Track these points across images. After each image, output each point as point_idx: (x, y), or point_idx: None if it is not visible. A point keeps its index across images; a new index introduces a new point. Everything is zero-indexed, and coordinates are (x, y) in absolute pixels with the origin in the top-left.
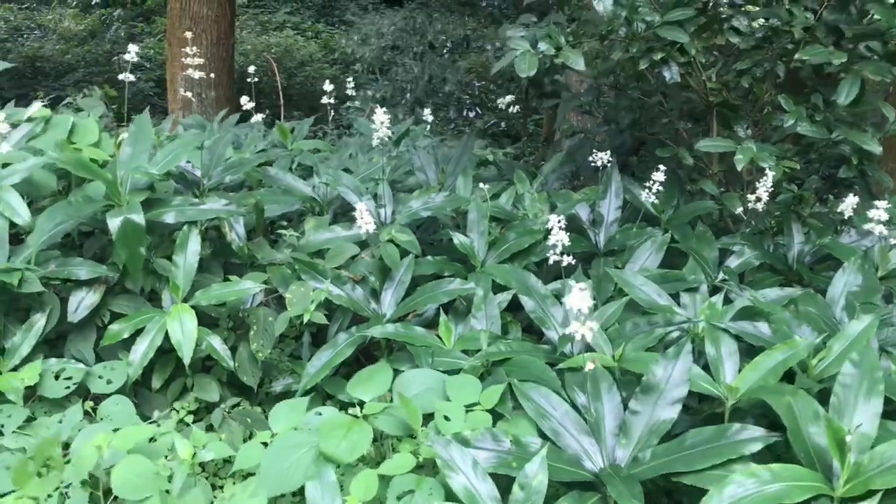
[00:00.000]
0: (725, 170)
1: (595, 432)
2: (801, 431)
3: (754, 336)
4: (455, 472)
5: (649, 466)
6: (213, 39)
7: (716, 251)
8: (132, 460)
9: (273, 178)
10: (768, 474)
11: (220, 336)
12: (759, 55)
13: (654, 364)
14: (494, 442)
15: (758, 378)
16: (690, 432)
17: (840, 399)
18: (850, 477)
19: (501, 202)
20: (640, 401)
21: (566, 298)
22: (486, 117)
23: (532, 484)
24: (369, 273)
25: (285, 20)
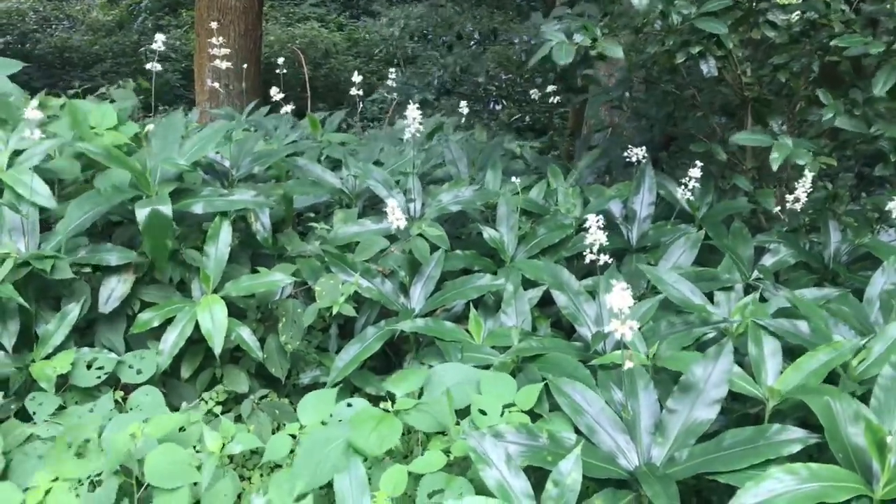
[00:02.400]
0: (759, 166)
1: (631, 430)
2: (840, 432)
3: (794, 335)
4: (489, 466)
5: (686, 466)
6: (241, 31)
7: (751, 249)
8: (166, 448)
9: (302, 169)
10: (807, 472)
11: (248, 327)
12: (795, 49)
13: (694, 363)
14: (530, 436)
15: (800, 379)
16: (729, 432)
17: (880, 401)
18: (891, 479)
19: (532, 196)
20: (677, 400)
21: (607, 297)
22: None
23: (566, 482)
24: (398, 267)
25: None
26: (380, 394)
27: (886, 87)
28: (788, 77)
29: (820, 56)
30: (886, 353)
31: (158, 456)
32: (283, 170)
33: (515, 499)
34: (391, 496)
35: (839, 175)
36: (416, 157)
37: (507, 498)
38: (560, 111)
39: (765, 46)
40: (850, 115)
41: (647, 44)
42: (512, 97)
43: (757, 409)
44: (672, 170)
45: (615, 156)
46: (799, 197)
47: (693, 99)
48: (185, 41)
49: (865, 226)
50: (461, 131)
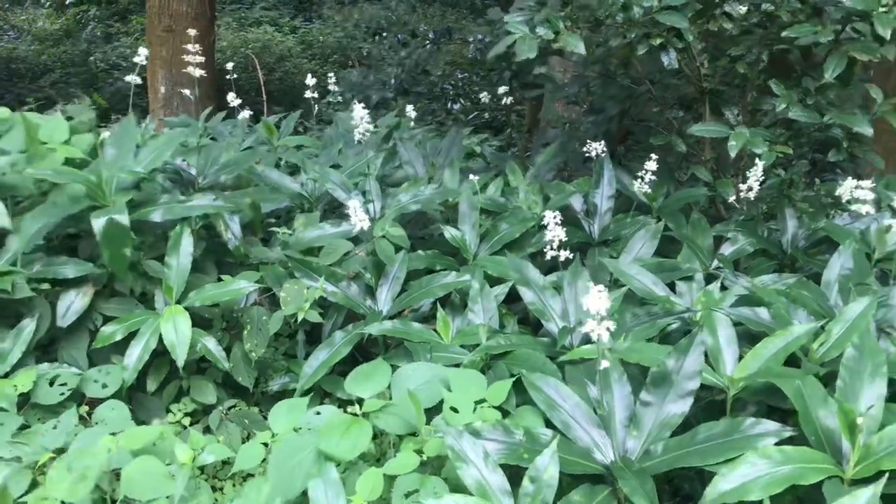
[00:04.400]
0: (717, 156)
1: (606, 424)
2: (811, 415)
3: (755, 322)
4: (466, 463)
5: (662, 460)
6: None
7: (710, 239)
8: (143, 461)
9: (261, 175)
10: (780, 456)
11: (214, 337)
12: (750, 40)
13: (666, 356)
14: (505, 433)
15: (759, 365)
16: (703, 426)
17: (846, 382)
18: (861, 459)
19: (490, 193)
20: (651, 392)
21: (582, 298)
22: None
23: (543, 477)
24: (364, 269)
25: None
26: (351, 398)
27: (836, 73)
28: (745, 68)
29: (768, 46)
30: (846, 334)
31: (135, 468)
32: (244, 177)
33: (493, 495)
34: (368, 500)
35: (794, 163)
36: (374, 157)
37: (484, 495)
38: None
39: (721, 38)
40: (802, 105)
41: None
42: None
43: (721, 396)
44: (629, 163)
45: (572, 151)
46: (752, 186)
47: (648, 93)
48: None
49: (821, 211)
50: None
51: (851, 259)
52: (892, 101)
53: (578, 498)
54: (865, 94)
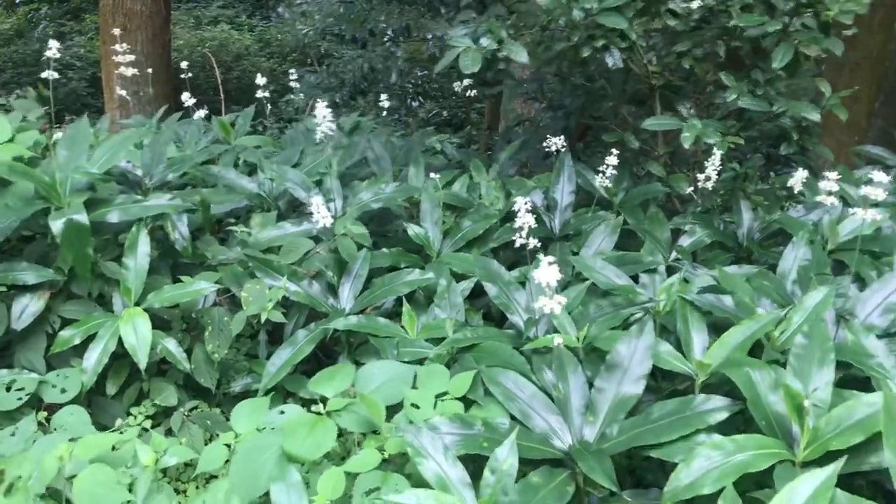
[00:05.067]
0: (671, 151)
1: (563, 411)
2: (761, 400)
3: (720, 309)
4: (426, 458)
5: (618, 441)
6: (149, 36)
7: (668, 232)
8: (94, 470)
9: (216, 176)
10: (733, 445)
11: (174, 338)
12: (697, 36)
13: (619, 342)
14: (464, 426)
15: (727, 353)
16: (656, 405)
17: (795, 368)
18: (810, 441)
19: (455, 190)
20: (605, 378)
21: (535, 274)
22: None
23: (503, 467)
24: (325, 268)
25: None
26: (314, 397)
27: (784, 62)
28: (692, 63)
29: (725, 41)
30: (805, 322)
31: (87, 478)
32: (197, 177)
33: (454, 488)
34: (330, 499)
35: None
36: (334, 155)
37: (445, 488)
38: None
39: (668, 35)
40: (752, 95)
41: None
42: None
43: (686, 385)
44: (588, 158)
45: (533, 147)
46: (710, 175)
47: (603, 90)
48: (90, 48)
49: (775, 204)
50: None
51: (809, 250)
52: (840, 95)
53: (537, 479)
54: (816, 89)
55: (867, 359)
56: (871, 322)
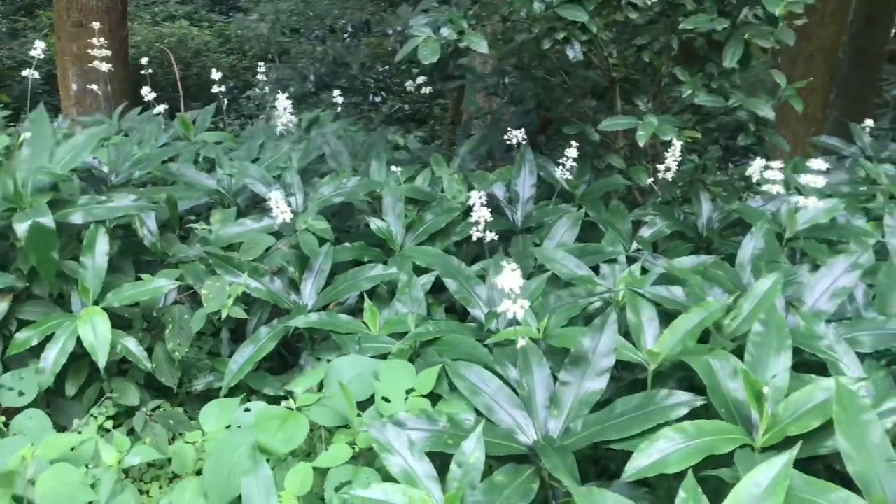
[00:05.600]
0: (630, 144)
1: (527, 406)
2: (720, 387)
3: (670, 300)
4: (392, 453)
5: (581, 436)
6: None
7: (629, 223)
8: (58, 470)
9: (174, 173)
10: (694, 429)
11: (134, 337)
12: (655, 29)
13: (582, 336)
14: (429, 422)
15: (677, 340)
16: (619, 401)
17: (753, 356)
18: (769, 427)
19: (417, 184)
20: (569, 372)
21: (497, 278)
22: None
23: (469, 461)
24: (287, 263)
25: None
26: (278, 394)
27: (735, 59)
28: (651, 57)
29: (679, 35)
30: (755, 310)
31: (50, 478)
32: (158, 175)
33: (420, 482)
34: (298, 494)
35: (707, 148)
36: (294, 150)
37: (412, 483)
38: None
39: (628, 28)
40: (708, 90)
41: (511, 34)
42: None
43: (643, 374)
44: (550, 152)
45: (495, 141)
46: (670, 166)
47: (564, 83)
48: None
49: (733, 194)
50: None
51: (763, 239)
52: (795, 86)
53: (502, 478)
54: (772, 81)
55: (817, 343)
56: (819, 307)
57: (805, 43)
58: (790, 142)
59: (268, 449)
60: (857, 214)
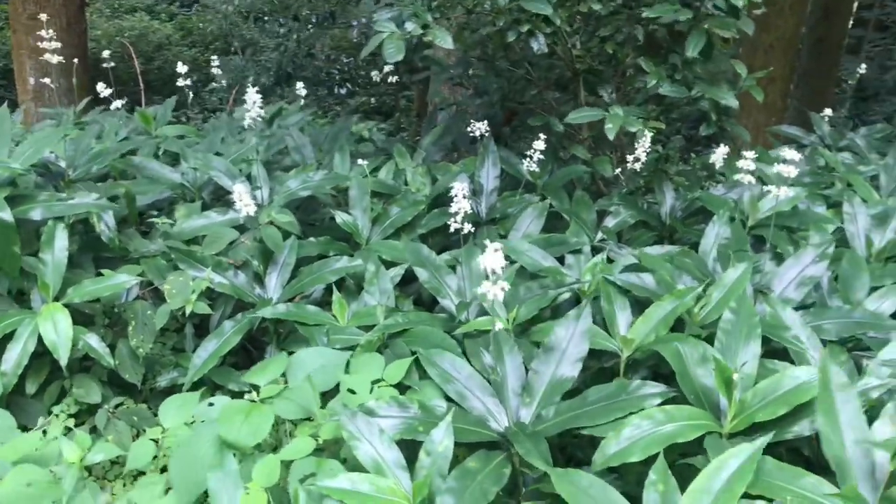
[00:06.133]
0: (594, 135)
1: (499, 393)
2: (689, 374)
3: (641, 288)
4: (361, 441)
5: (553, 423)
6: (63, 24)
7: (594, 213)
8: (21, 470)
9: (138, 166)
10: (663, 415)
11: (96, 334)
12: (618, 20)
13: (556, 324)
14: (400, 409)
15: (650, 329)
16: (592, 389)
17: (723, 344)
18: (737, 413)
19: (382, 177)
20: (542, 360)
21: (480, 259)
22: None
23: (438, 449)
24: (251, 257)
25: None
26: (243, 390)
27: (697, 50)
28: (614, 48)
29: (643, 26)
30: (725, 298)
31: (14, 479)
32: (118, 169)
33: (389, 470)
34: (265, 486)
35: (669, 138)
36: (259, 143)
37: (380, 471)
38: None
39: (592, 19)
40: (671, 80)
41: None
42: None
43: (612, 362)
44: (515, 143)
45: (460, 132)
46: (639, 157)
47: (528, 75)
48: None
49: (696, 183)
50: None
51: (728, 227)
52: (755, 76)
53: (473, 464)
54: (734, 71)
55: (785, 331)
56: (787, 295)
57: (765, 34)
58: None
59: (233, 443)
60: (818, 202)
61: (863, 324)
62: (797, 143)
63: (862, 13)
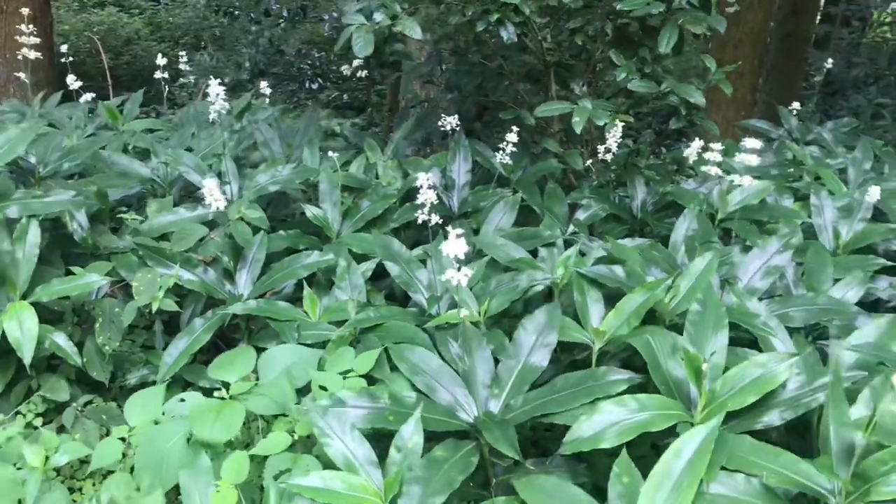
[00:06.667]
0: (566, 128)
1: (468, 385)
2: (660, 365)
3: (612, 279)
4: (331, 438)
5: (522, 411)
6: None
7: (565, 206)
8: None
9: (107, 161)
10: (635, 404)
11: (64, 332)
12: (589, 13)
13: (526, 317)
14: (371, 400)
15: (622, 320)
16: (560, 377)
17: (691, 335)
18: (707, 403)
19: (352, 171)
20: (511, 351)
21: (442, 245)
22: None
23: (408, 445)
24: (221, 253)
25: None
26: (214, 387)
27: (671, 45)
28: (584, 40)
29: (612, 19)
30: (693, 288)
31: None
32: (89, 164)
33: (360, 466)
34: (235, 483)
35: (640, 132)
36: (228, 139)
37: (351, 468)
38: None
39: (562, 12)
40: (641, 74)
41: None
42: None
43: (584, 354)
44: (487, 138)
45: (433, 127)
46: (610, 147)
47: (500, 68)
48: None
49: (666, 177)
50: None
51: (696, 220)
52: (724, 70)
53: (441, 453)
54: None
55: (752, 319)
56: (753, 285)
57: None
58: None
59: (206, 441)
60: (786, 195)
61: (828, 311)
62: (766, 136)
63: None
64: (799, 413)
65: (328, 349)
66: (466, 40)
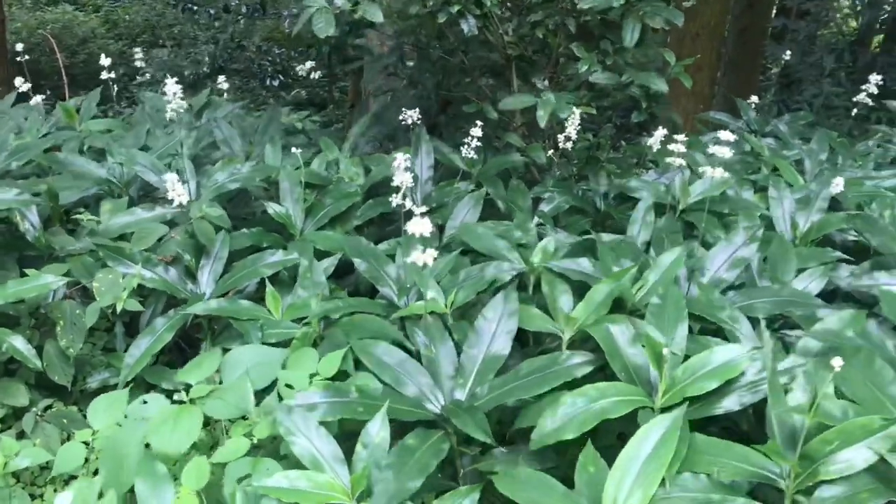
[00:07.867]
0: (528, 122)
1: (434, 376)
2: (620, 353)
3: (578, 272)
4: (297, 436)
5: (488, 399)
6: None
7: (529, 200)
8: None
9: (62, 162)
10: (595, 392)
11: (22, 335)
12: (549, 7)
13: (487, 306)
14: (339, 394)
15: (591, 311)
16: (525, 363)
17: (653, 325)
18: (667, 388)
19: (314, 167)
20: (473, 341)
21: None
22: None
23: (375, 441)
24: (182, 252)
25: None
26: (177, 388)
27: (635, 38)
28: (546, 34)
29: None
30: (660, 280)
31: None
32: (42, 165)
33: (326, 465)
34: (195, 489)
35: (601, 126)
36: (186, 137)
37: (318, 466)
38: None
39: (524, 6)
40: (602, 67)
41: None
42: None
43: (554, 345)
44: (451, 133)
45: (390, 120)
46: (570, 135)
47: (462, 63)
48: None
49: (627, 170)
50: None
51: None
52: (682, 63)
53: (412, 441)
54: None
55: (717, 311)
56: (719, 276)
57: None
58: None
59: (164, 452)
60: (745, 187)
61: (791, 302)
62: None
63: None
64: (757, 399)
65: (293, 346)
66: (428, 35)
